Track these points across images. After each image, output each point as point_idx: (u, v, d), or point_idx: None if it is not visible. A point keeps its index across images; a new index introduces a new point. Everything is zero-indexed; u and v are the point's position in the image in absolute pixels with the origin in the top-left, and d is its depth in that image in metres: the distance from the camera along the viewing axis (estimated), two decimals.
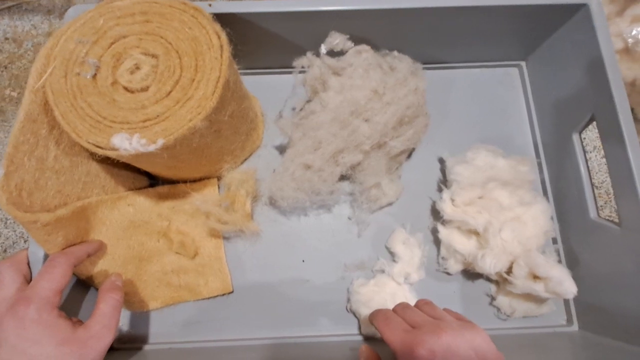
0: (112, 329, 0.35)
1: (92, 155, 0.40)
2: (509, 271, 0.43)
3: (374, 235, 0.49)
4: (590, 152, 0.54)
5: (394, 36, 0.46)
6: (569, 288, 0.39)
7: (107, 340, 0.35)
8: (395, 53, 0.43)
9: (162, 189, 0.48)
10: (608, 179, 0.53)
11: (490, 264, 0.42)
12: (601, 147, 0.54)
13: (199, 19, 0.36)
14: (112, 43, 0.36)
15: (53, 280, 0.34)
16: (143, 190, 0.47)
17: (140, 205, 0.47)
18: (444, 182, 0.50)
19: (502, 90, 0.55)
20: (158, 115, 0.34)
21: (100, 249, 0.42)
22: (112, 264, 0.44)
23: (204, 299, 0.47)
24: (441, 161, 0.52)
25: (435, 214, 0.49)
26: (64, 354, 0.32)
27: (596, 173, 0.53)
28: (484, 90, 0.55)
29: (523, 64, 0.55)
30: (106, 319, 0.35)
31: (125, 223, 0.45)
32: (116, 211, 0.45)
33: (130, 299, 0.45)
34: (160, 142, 0.33)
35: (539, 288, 0.40)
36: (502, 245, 0.42)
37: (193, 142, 0.36)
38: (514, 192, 0.44)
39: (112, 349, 0.36)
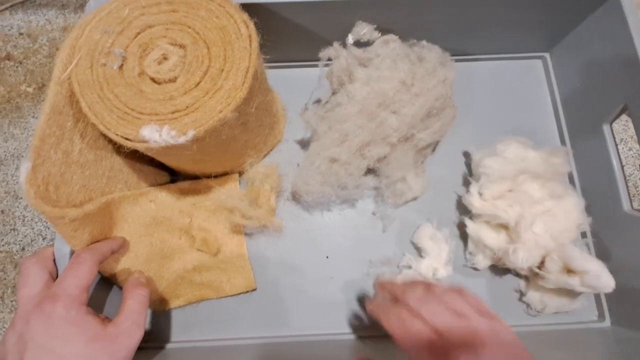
0: (141, 325, 0.34)
1: (117, 150, 0.39)
2: (541, 266, 0.42)
3: (399, 231, 0.48)
4: (617, 144, 0.53)
5: (419, 27, 0.45)
6: (607, 281, 0.38)
7: (137, 336, 0.34)
8: (424, 42, 0.42)
9: (184, 184, 0.47)
10: (636, 172, 0.52)
11: (522, 259, 0.41)
12: (627, 139, 0.53)
13: (226, 8, 0.36)
14: (138, 33, 0.35)
15: (80, 277, 0.33)
16: (164, 186, 0.46)
17: (162, 201, 0.46)
18: (469, 175, 0.49)
19: (525, 82, 0.54)
20: (187, 107, 0.33)
21: (123, 246, 0.41)
22: (135, 261, 0.43)
23: (227, 296, 0.46)
24: (466, 155, 0.51)
25: (461, 208, 0.48)
26: (95, 351, 0.31)
27: (623, 166, 0.52)
28: (506, 83, 0.54)
29: (547, 55, 0.54)
30: (135, 315, 0.34)
31: (147, 220, 0.44)
32: (138, 207, 0.44)
33: (152, 297, 0.44)
34: (190, 133, 0.32)
35: (574, 282, 0.39)
36: (534, 239, 0.41)
37: (222, 134, 0.35)
38: (544, 185, 0.43)
39: None
